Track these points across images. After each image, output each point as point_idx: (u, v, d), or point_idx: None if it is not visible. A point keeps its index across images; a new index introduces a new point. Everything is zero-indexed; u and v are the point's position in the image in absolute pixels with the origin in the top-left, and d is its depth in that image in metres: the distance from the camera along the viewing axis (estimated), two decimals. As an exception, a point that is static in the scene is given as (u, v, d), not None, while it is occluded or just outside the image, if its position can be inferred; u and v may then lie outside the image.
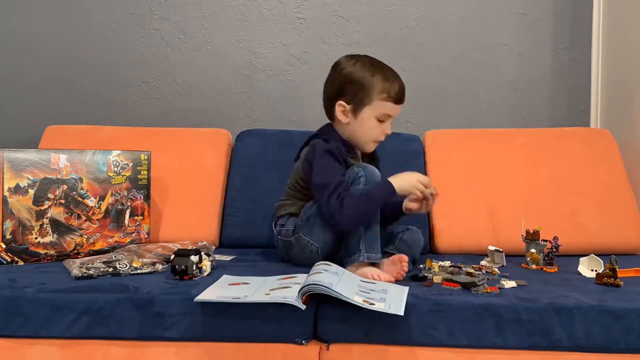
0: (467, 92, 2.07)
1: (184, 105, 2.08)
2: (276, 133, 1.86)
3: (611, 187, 1.70)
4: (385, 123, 1.44)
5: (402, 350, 1.09)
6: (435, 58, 2.07)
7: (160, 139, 1.81)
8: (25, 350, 1.11)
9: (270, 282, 1.17)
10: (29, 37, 2.06)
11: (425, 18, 2.07)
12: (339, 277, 1.12)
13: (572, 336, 1.06)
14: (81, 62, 2.07)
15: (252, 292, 1.10)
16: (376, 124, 1.44)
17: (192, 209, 1.70)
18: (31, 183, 1.40)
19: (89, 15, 2.06)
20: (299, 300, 1.03)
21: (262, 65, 2.08)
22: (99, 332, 1.10)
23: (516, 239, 1.48)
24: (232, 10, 2.08)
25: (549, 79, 2.07)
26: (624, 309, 1.07)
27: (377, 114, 1.42)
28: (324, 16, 2.07)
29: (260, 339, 1.09)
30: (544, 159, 1.75)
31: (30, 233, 1.39)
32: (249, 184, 1.75)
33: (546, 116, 2.07)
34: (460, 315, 1.08)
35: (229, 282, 1.19)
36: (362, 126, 1.44)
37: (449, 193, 1.71)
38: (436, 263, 1.36)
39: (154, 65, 2.08)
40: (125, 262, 1.27)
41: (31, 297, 1.10)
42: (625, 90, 1.87)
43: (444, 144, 1.82)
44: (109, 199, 1.52)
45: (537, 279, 1.28)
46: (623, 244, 1.63)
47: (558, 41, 2.06)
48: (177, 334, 1.09)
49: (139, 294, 1.11)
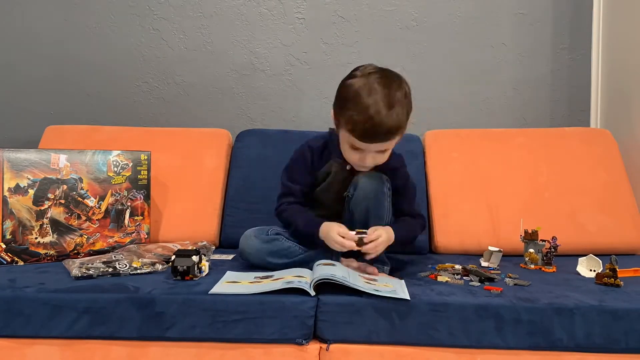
0: (467, 92, 2.07)
1: (184, 105, 2.08)
2: (276, 133, 1.86)
3: (611, 187, 1.70)
4: (362, 153, 1.28)
5: (402, 350, 1.09)
6: (435, 58, 2.07)
7: (160, 139, 1.81)
8: (25, 350, 1.11)
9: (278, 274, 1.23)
10: (29, 37, 2.06)
11: (425, 18, 2.07)
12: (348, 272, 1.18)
13: (572, 336, 1.07)
14: (81, 62, 2.07)
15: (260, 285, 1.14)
16: (350, 150, 1.29)
17: (192, 209, 1.70)
18: (31, 183, 1.40)
19: (89, 15, 2.06)
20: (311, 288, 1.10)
21: (262, 65, 2.08)
22: (99, 332, 1.10)
23: (516, 239, 1.48)
24: (232, 10, 2.07)
25: (549, 79, 2.07)
26: (624, 309, 1.07)
27: (348, 141, 1.28)
28: (324, 16, 2.07)
29: (260, 339, 1.09)
30: (544, 159, 1.75)
31: (30, 233, 1.39)
32: (249, 184, 1.75)
33: (546, 116, 2.07)
34: (460, 315, 1.08)
35: (236, 277, 1.23)
36: (343, 150, 1.33)
37: (449, 193, 1.71)
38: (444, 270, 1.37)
39: (154, 65, 2.07)
40: (125, 262, 1.27)
41: (31, 297, 1.10)
42: (625, 90, 1.87)
43: (444, 144, 1.82)
44: (109, 199, 1.51)
45: (536, 279, 1.28)
46: (623, 244, 1.63)
47: (558, 41, 2.06)
48: (177, 334, 1.09)
49: (139, 294, 1.11)
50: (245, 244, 1.34)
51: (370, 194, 1.30)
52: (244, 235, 1.35)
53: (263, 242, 1.32)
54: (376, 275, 1.26)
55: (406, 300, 1.08)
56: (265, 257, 1.31)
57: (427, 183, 1.75)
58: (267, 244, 1.32)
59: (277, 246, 1.32)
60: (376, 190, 1.30)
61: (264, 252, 1.31)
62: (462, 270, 1.32)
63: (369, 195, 1.30)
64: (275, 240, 1.33)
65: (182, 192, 1.72)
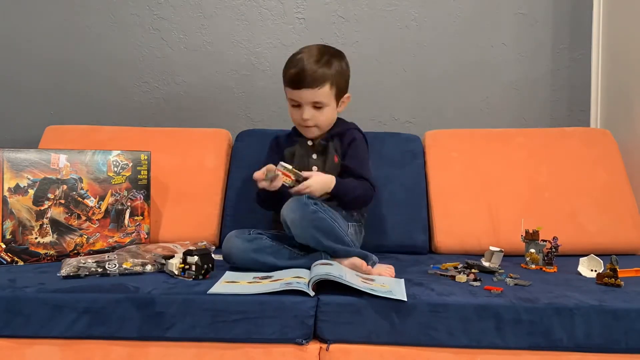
0: (467, 92, 2.07)
1: (184, 105, 2.08)
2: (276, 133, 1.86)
3: (611, 187, 1.70)
4: (300, 109, 1.47)
5: (402, 350, 1.09)
6: (435, 58, 2.07)
7: (160, 139, 1.81)
8: (25, 350, 1.11)
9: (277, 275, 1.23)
10: (28, 37, 2.06)
11: (425, 18, 2.07)
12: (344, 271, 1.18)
13: (573, 336, 1.07)
14: (81, 62, 2.07)
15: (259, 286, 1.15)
16: (292, 109, 1.50)
17: (192, 209, 1.70)
18: (31, 183, 1.40)
19: (89, 15, 2.06)
20: (309, 288, 1.09)
21: (262, 65, 2.08)
22: (99, 332, 1.10)
23: (516, 239, 1.48)
24: (232, 10, 2.07)
25: (549, 79, 2.07)
26: (625, 309, 1.07)
27: (288, 99, 1.50)
28: (324, 16, 2.07)
29: (260, 339, 1.09)
30: (544, 159, 1.75)
31: (30, 233, 1.39)
32: (249, 184, 1.74)
33: (546, 116, 2.07)
34: (460, 315, 1.08)
35: (235, 277, 1.23)
36: (289, 112, 1.53)
37: (449, 193, 1.71)
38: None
39: (154, 65, 2.07)
40: (115, 263, 1.27)
41: (31, 297, 1.11)
42: (625, 90, 1.87)
43: (444, 144, 1.81)
44: (109, 199, 1.51)
45: (536, 279, 1.28)
46: (623, 244, 1.63)
47: (558, 41, 2.06)
48: (177, 334, 1.09)
49: (139, 294, 1.11)
50: (229, 245, 1.34)
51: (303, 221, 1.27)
52: (226, 238, 1.36)
53: (246, 241, 1.32)
54: (367, 270, 1.27)
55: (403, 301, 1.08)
56: (249, 255, 1.31)
57: (427, 183, 1.75)
58: (249, 243, 1.32)
59: (260, 244, 1.32)
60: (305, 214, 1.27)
61: (248, 250, 1.31)
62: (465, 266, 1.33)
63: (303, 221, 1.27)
64: (257, 239, 1.33)
65: (182, 192, 1.72)
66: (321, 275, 1.11)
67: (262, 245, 1.32)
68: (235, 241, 1.33)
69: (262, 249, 1.32)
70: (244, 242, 1.32)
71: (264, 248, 1.32)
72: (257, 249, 1.31)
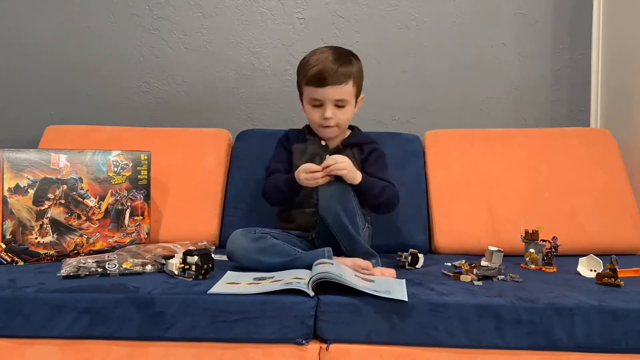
0: (467, 92, 2.07)
1: (184, 105, 2.08)
2: (276, 133, 1.85)
3: (611, 187, 1.70)
4: (322, 108, 1.46)
5: (402, 350, 1.09)
6: (435, 58, 2.07)
7: (160, 139, 1.81)
8: (25, 350, 1.11)
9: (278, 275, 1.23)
10: (28, 37, 2.06)
11: (425, 18, 2.07)
12: (344, 271, 1.18)
13: (572, 336, 1.07)
14: (81, 62, 2.07)
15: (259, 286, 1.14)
16: (312, 109, 1.48)
17: (192, 209, 1.70)
18: (31, 183, 1.40)
19: (89, 15, 2.06)
20: (309, 288, 1.09)
21: (262, 65, 2.08)
22: (99, 332, 1.10)
23: (516, 239, 1.48)
24: (232, 10, 2.07)
25: (549, 79, 2.07)
26: (624, 309, 1.07)
27: (307, 99, 1.49)
28: (324, 16, 2.07)
29: (260, 339, 1.09)
30: (544, 159, 1.75)
31: (30, 233, 1.39)
32: (249, 184, 1.75)
33: (546, 116, 2.07)
34: (460, 315, 1.08)
35: (235, 278, 1.23)
36: (307, 113, 1.52)
37: (449, 193, 1.71)
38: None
39: (154, 65, 2.08)
40: (115, 263, 1.27)
41: (31, 297, 1.11)
42: (625, 90, 1.87)
43: (444, 144, 1.82)
44: (109, 199, 1.52)
45: (536, 279, 1.28)
46: (623, 244, 1.63)
47: (558, 41, 2.06)
48: (177, 334, 1.09)
49: (139, 294, 1.11)
50: (233, 244, 1.34)
51: (334, 193, 1.33)
52: (230, 237, 1.35)
53: (251, 241, 1.32)
54: (370, 269, 1.27)
55: (403, 301, 1.08)
56: (253, 255, 1.31)
57: (427, 183, 1.75)
58: (254, 242, 1.32)
59: (265, 244, 1.32)
60: (339, 189, 1.33)
61: (252, 250, 1.31)
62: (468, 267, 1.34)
63: (334, 194, 1.33)
64: (263, 239, 1.33)
65: (182, 192, 1.72)
66: (321, 275, 1.11)
67: (267, 245, 1.32)
68: (240, 240, 1.33)
69: (266, 249, 1.31)
70: (249, 242, 1.32)
71: (268, 248, 1.32)
72: (261, 249, 1.31)
